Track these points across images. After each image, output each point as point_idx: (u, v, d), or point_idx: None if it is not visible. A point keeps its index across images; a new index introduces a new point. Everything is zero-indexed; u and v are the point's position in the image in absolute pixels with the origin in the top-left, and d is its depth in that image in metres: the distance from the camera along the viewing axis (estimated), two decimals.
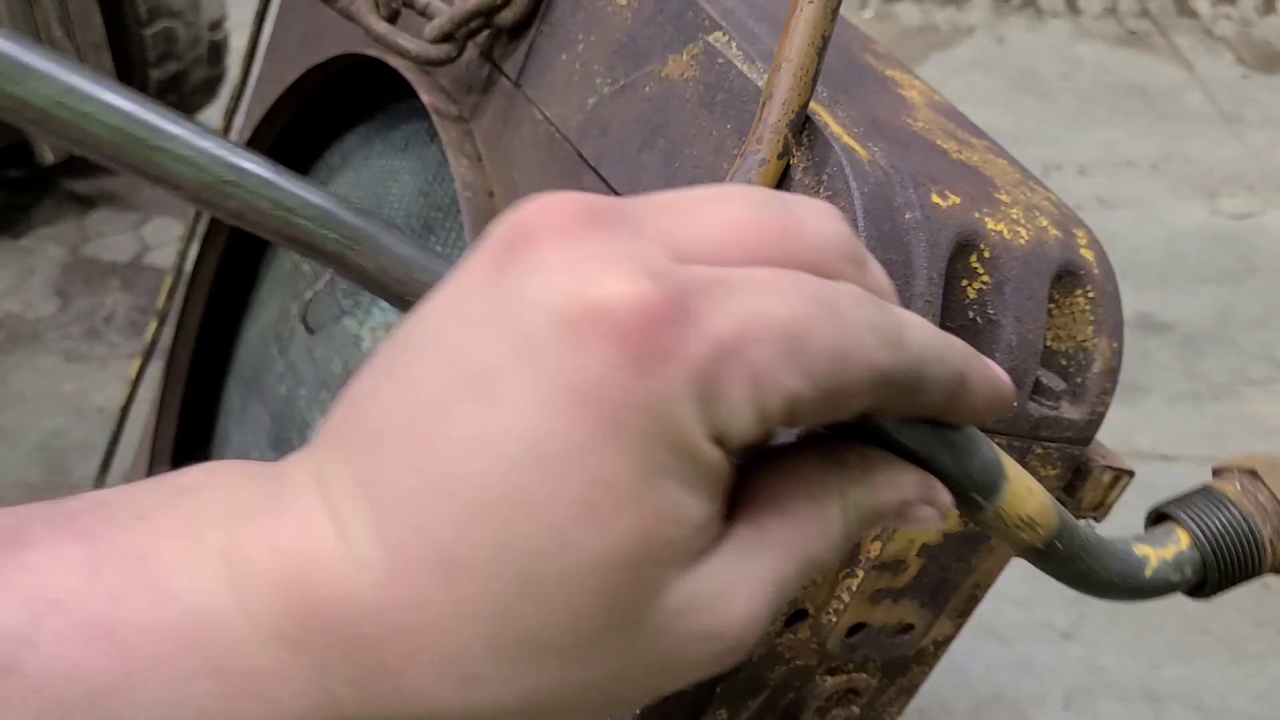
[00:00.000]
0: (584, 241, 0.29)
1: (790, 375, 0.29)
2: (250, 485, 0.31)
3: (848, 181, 0.53)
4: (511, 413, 0.27)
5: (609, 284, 0.27)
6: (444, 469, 0.28)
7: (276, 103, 1.19)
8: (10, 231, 3.33)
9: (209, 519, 0.30)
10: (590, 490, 0.27)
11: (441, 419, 0.28)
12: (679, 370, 0.27)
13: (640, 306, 0.27)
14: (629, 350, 0.27)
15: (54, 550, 0.29)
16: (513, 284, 0.29)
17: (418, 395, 0.29)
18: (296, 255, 1.26)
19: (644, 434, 0.27)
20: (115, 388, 2.64)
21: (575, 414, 0.27)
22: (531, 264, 0.29)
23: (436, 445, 0.28)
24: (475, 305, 0.29)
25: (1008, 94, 4.22)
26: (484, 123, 0.88)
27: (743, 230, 0.30)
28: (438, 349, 0.29)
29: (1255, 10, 4.87)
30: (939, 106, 0.66)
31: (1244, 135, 3.96)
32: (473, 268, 0.30)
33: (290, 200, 0.37)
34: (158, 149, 0.34)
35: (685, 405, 0.28)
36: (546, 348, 0.27)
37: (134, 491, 0.31)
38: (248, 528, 0.30)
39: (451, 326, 0.29)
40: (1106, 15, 4.84)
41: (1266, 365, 2.90)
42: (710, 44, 0.64)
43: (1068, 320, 0.59)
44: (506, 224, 0.30)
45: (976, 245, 0.55)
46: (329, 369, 1.13)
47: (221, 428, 1.42)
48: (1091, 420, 0.59)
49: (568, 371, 0.27)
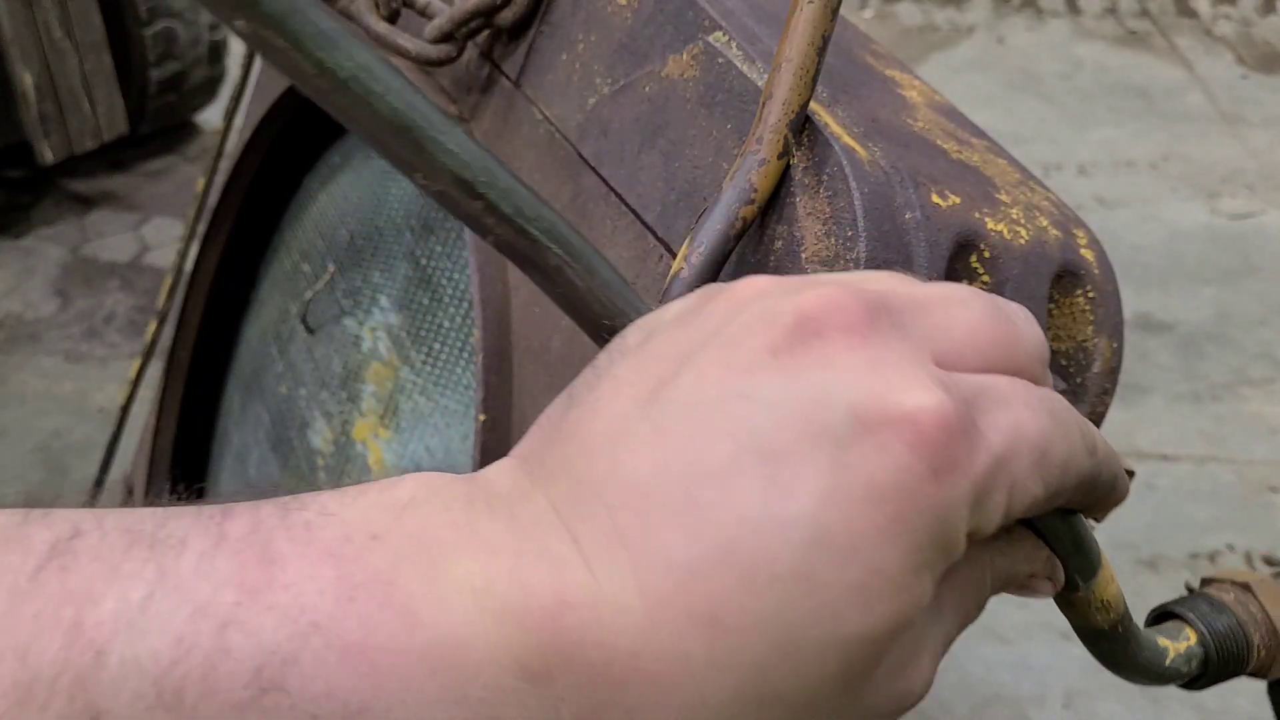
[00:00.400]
0: (872, 344, 0.32)
1: (1036, 483, 0.33)
2: (478, 509, 0.33)
3: (848, 181, 0.53)
4: (806, 499, 0.30)
5: (910, 394, 0.31)
6: (724, 537, 0.30)
7: (277, 102, 1.19)
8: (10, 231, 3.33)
9: (445, 544, 0.31)
10: (868, 577, 0.30)
11: (723, 490, 0.30)
12: (964, 480, 0.31)
13: (939, 420, 0.31)
14: (927, 458, 0.30)
15: (305, 570, 0.30)
16: (808, 375, 0.31)
17: (693, 461, 0.31)
18: (296, 256, 1.26)
19: (925, 533, 0.31)
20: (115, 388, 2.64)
21: (869, 509, 0.30)
22: (826, 360, 0.32)
23: (717, 514, 0.30)
24: (762, 386, 0.32)
25: (1008, 94, 4.22)
26: (484, 123, 0.88)
27: (978, 336, 0.35)
28: (717, 419, 0.31)
29: (1255, 10, 4.87)
30: (939, 106, 0.66)
31: (1244, 135, 3.96)
32: (746, 341, 0.33)
33: (530, 209, 0.39)
34: (431, 139, 0.36)
35: (962, 510, 0.31)
36: (846, 444, 0.30)
37: (357, 503, 0.33)
38: (494, 562, 0.31)
39: (733, 401, 0.32)
40: (1106, 15, 4.84)
41: (1266, 365, 2.90)
42: (710, 44, 0.64)
43: (1068, 320, 0.59)
44: (785, 309, 0.33)
45: (976, 245, 0.55)
46: (329, 369, 1.13)
47: (221, 428, 1.42)
48: (1092, 420, 0.59)
49: (867, 469, 0.30)
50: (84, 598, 0.29)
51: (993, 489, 0.32)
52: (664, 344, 0.35)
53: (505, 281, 0.81)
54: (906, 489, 0.30)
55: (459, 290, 0.94)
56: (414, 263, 1.01)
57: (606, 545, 0.31)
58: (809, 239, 0.55)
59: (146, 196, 3.53)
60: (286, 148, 1.26)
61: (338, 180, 1.19)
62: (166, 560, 0.29)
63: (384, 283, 1.05)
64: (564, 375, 0.73)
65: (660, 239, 0.66)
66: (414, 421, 0.98)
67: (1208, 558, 2.32)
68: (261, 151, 1.27)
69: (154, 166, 3.68)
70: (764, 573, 0.30)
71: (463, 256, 0.94)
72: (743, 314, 0.34)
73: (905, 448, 0.30)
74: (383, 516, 0.32)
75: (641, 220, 0.67)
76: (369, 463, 1.03)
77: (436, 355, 0.96)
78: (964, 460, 0.31)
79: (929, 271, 0.53)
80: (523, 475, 0.34)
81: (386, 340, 1.04)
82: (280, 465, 1.20)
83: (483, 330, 0.79)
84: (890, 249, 0.53)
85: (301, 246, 1.25)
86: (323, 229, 1.20)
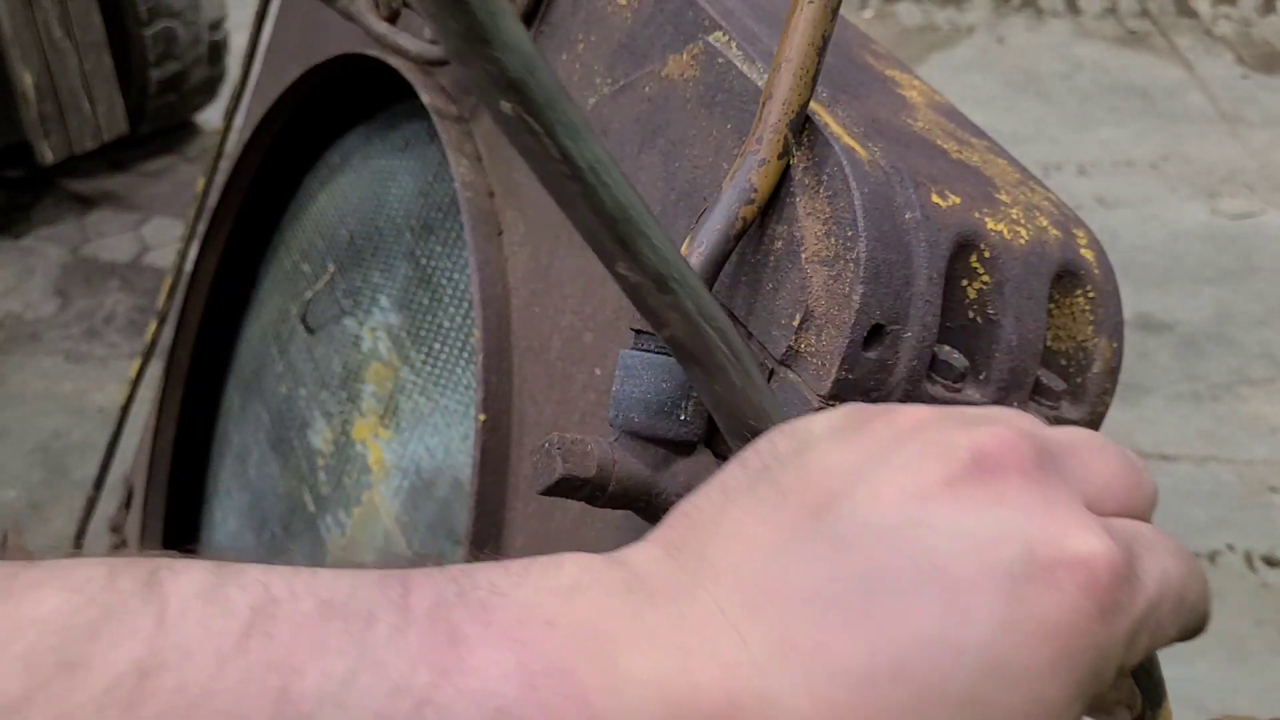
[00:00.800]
0: (1043, 486, 0.35)
1: (1174, 626, 0.36)
2: (640, 599, 0.34)
3: (848, 181, 0.53)
4: (984, 628, 0.32)
5: (1083, 538, 0.34)
6: (900, 654, 0.32)
7: (276, 103, 1.19)
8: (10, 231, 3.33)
9: (615, 634, 0.33)
10: (1033, 705, 0.32)
11: (901, 609, 0.32)
12: (1125, 622, 0.34)
13: (1109, 566, 0.33)
14: (1097, 600, 0.33)
15: (490, 655, 0.32)
16: (985, 511, 0.34)
17: (871, 578, 0.33)
18: (296, 256, 1.26)
19: (1087, 669, 0.33)
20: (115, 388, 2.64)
21: (1040, 643, 0.32)
22: (1002, 497, 0.34)
23: (894, 631, 0.32)
24: (940, 515, 0.34)
25: (1008, 94, 4.22)
26: (484, 123, 0.88)
27: (1114, 481, 0.38)
28: (896, 541, 0.33)
29: (1255, 10, 4.87)
30: (939, 106, 0.66)
31: (1244, 135, 3.96)
32: (921, 470, 0.35)
33: (709, 310, 0.42)
34: (642, 234, 0.38)
35: (1120, 649, 0.34)
36: (1021, 579, 0.33)
37: (524, 583, 0.34)
38: (664, 657, 0.33)
39: (911, 526, 0.34)
40: (1106, 15, 4.84)
41: (1266, 365, 2.90)
42: (710, 44, 0.64)
43: (1068, 320, 0.59)
44: (961, 444, 0.35)
45: (976, 245, 0.55)
46: (329, 369, 1.13)
47: (221, 428, 1.42)
48: (1091, 420, 0.59)
49: (1041, 605, 0.32)
50: (288, 668, 0.30)
51: (1143, 630, 0.35)
52: (826, 459, 0.37)
53: (505, 282, 0.81)
54: (1076, 628, 0.33)
55: (459, 290, 0.94)
56: (414, 263, 1.01)
57: (778, 649, 0.32)
58: (809, 239, 0.54)
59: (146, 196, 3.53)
60: (286, 148, 1.26)
61: (338, 180, 1.19)
62: (361, 635, 0.31)
63: (384, 283, 1.05)
64: (564, 375, 0.73)
65: None
66: (414, 421, 0.98)
67: (1208, 558, 2.32)
68: (261, 151, 1.27)
69: (154, 166, 3.68)
70: (937, 692, 0.32)
71: (463, 256, 0.94)
72: (913, 442, 0.36)
73: (1078, 589, 0.33)
74: (552, 601, 0.34)
75: None
76: (369, 463, 1.03)
77: (436, 355, 0.96)
78: (1127, 604, 0.34)
79: (929, 271, 0.53)
80: (678, 568, 0.35)
81: (386, 340, 1.04)
82: (280, 465, 1.20)
83: (483, 330, 0.79)
84: (890, 249, 0.53)
85: (301, 246, 1.25)
86: (323, 229, 1.20)
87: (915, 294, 0.53)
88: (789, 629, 0.33)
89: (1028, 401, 0.57)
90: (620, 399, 0.53)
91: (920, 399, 0.53)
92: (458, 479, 0.90)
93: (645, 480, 0.52)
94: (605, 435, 0.54)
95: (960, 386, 0.55)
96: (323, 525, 1.09)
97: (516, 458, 0.77)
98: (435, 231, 0.99)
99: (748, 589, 0.34)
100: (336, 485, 1.08)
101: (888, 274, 0.52)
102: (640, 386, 0.52)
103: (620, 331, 0.67)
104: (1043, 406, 0.57)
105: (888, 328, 0.52)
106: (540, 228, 0.78)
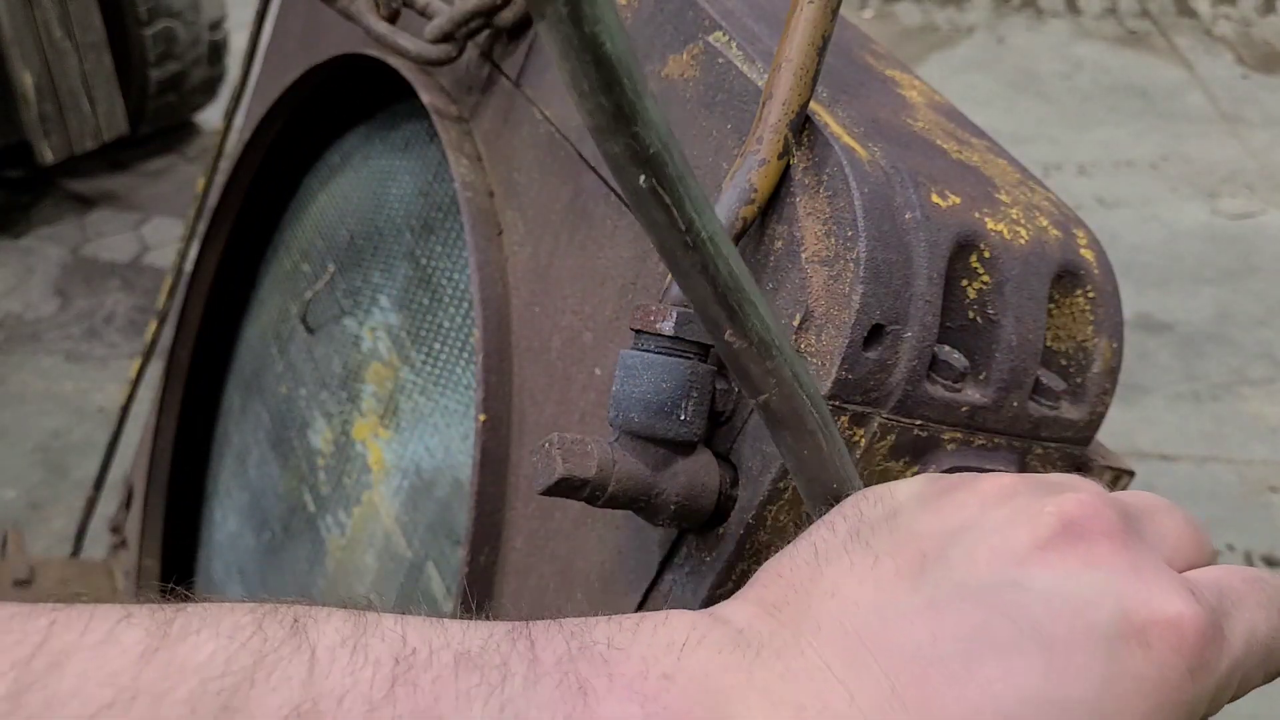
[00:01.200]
0: (1130, 549, 0.37)
1: (1260, 676, 0.38)
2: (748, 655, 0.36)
3: (848, 181, 0.53)
4: (1086, 686, 0.34)
5: (1171, 601, 0.35)
6: (1004, 711, 0.34)
7: (276, 103, 1.19)
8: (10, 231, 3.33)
9: (728, 690, 0.35)
10: None
11: (1004, 668, 0.34)
12: (1212, 679, 0.35)
13: (1197, 627, 0.35)
14: (1187, 659, 0.35)
15: (616, 708, 0.34)
16: (1078, 574, 0.36)
17: (971, 637, 0.34)
18: (296, 256, 1.26)
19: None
20: (115, 388, 2.64)
21: (1136, 699, 0.34)
22: (1093, 561, 0.36)
23: (998, 689, 0.34)
24: (1035, 578, 0.36)
25: (1008, 94, 4.22)
26: (484, 123, 0.88)
27: (1184, 540, 0.40)
28: (994, 602, 0.35)
29: (1255, 10, 4.87)
30: (939, 106, 0.66)
31: (1244, 135, 3.96)
32: (1013, 535, 0.37)
33: (806, 376, 0.44)
34: (751, 303, 0.40)
35: (1206, 702, 0.36)
36: (1117, 640, 0.34)
37: (638, 637, 0.36)
38: (777, 713, 0.34)
39: (1008, 588, 0.35)
40: (1106, 15, 4.84)
41: (1266, 365, 2.90)
42: (710, 44, 0.64)
43: (1068, 320, 0.59)
44: (1049, 510, 0.37)
45: (976, 245, 0.55)
46: (329, 369, 1.13)
47: (221, 428, 1.42)
48: (1091, 420, 0.59)
49: (1135, 664, 0.34)
50: (435, 717, 0.32)
51: (1229, 686, 0.37)
52: (917, 523, 0.39)
53: (505, 281, 0.81)
54: (1169, 684, 0.35)
55: (459, 290, 0.94)
56: (414, 263, 1.01)
57: (886, 705, 0.34)
58: (809, 239, 0.54)
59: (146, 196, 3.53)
60: (286, 148, 1.26)
61: (337, 180, 1.19)
62: (500, 687, 0.33)
63: (384, 283, 1.05)
64: (564, 375, 0.73)
65: None
66: (414, 421, 0.98)
67: None
68: (261, 151, 1.27)
69: (154, 166, 3.68)
70: None
71: (463, 256, 0.94)
72: (1001, 508, 0.38)
73: (1170, 650, 0.35)
74: (667, 656, 0.35)
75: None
76: (369, 462, 1.03)
77: (436, 355, 0.96)
78: (1213, 662, 0.36)
79: (929, 271, 0.53)
80: (780, 625, 0.37)
81: (386, 340, 1.04)
82: (280, 465, 1.20)
83: (483, 330, 0.79)
84: (890, 249, 0.53)
85: (301, 246, 1.25)
86: (323, 229, 1.20)
87: (915, 294, 0.53)
88: (896, 686, 0.34)
89: (1027, 402, 0.57)
90: (620, 399, 0.53)
91: (920, 398, 0.53)
92: (458, 479, 0.90)
93: (645, 480, 0.52)
94: (605, 435, 0.53)
95: (960, 386, 0.55)
96: (323, 525, 1.09)
97: (516, 458, 0.77)
98: (435, 231, 0.99)
99: (853, 646, 0.35)
100: (336, 485, 1.08)
101: (888, 274, 0.52)
102: (640, 386, 0.52)
103: (620, 331, 0.67)
104: (1042, 406, 0.57)
105: (888, 328, 0.52)
106: (540, 228, 0.78)
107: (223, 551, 1.35)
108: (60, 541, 2.18)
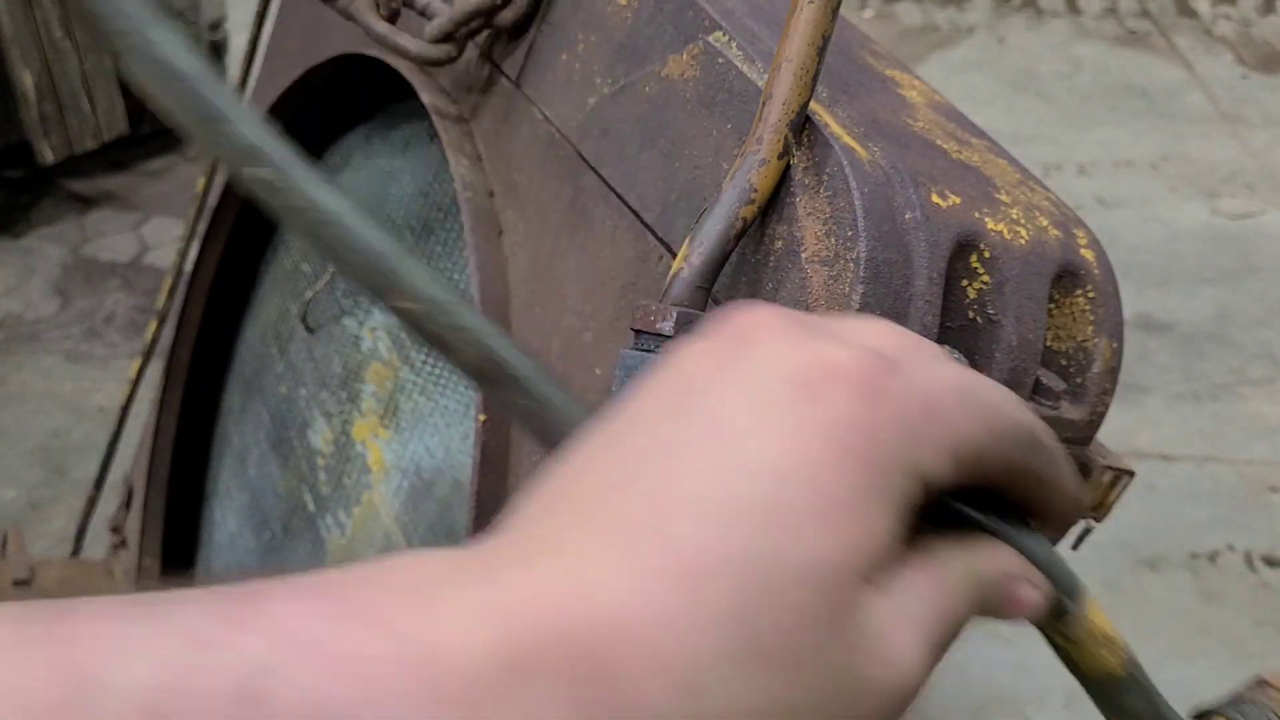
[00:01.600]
0: (799, 336, 0.35)
1: (972, 423, 0.36)
2: (459, 558, 0.34)
3: (848, 181, 0.53)
4: (754, 441, 0.33)
5: (837, 352, 0.34)
6: (685, 490, 0.32)
7: (276, 103, 1.19)
8: (10, 231, 3.33)
9: (426, 580, 0.32)
10: (821, 500, 0.32)
11: (681, 457, 0.33)
12: (895, 407, 0.34)
13: (865, 363, 0.34)
14: (858, 390, 0.34)
15: (294, 604, 0.31)
16: (744, 361, 0.35)
17: (651, 446, 0.33)
18: (296, 256, 1.26)
19: (866, 456, 0.33)
20: (115, 388, 2.64)
21: (810, 438, 0.33)
22: (761, 348, 0.35)
23: (677, 475, 0.32)
24: (707, 380, 0.35)
25: (1008, 94, 4.22)
26: (484, 123, 0.88)
27: (887, 339, 0.38)
28: (671, 415, 0.34)
29: (1255, 10, 4.87)
30: (939, 106, 0.66)
31: (1244, 135, 3.96)
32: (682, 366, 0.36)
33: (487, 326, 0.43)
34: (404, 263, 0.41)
35: (898, 437, 0.34)
36: (786, 399, 0.33)
37: (346, 570, 0.34)
38: (472, 583, 0.32)
39: (681, 399, 0.34)
40: (1106, 15, 4.84)
41: (1266, 365, 2.90)
42: (710, 44, 0.64)
43: (1068, 320, 0.59)
44: (720, 329, 0.36)
45: (976, 245, 0.55)
46: (329, 369, 1.13)
47: (221, 428, 1.42)
48: (1092, 420, 0.59)
49: (806, 411, 0.33)
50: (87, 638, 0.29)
51: (926, 422, 0.35)
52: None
53: (505, 282, 0.81)
54: (845, 418, 0.33)
55: (459, 290, 0.94)
56: None
57: (586, 544, 0.32)
58: (809, 239, 0.55)
59: (146, 196, 3.53)
60: None
61: (338, 180, 1.19)
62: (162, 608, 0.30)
63: None
64: (564, 375, 0.73)
65: (660, 239, 0.66)
66: (414, 421, 0.98)
67: (1208, 558, 2.32)
68: None
69: (154, 166, 3.68)
70: (724, 512, 0.32)
71: (463, 257, 0.94)
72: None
73: (838, 387, 0.34)
74: (367, 573, 0.33)
75: (642, 220, 0.67)
76: (369, 463, 1.03)
77: (437, 355, 0.96)
78: (892, 390, 0.34)
79: (929, 271, 0.53)
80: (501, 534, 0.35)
81: (386, 340, 1.04)
82: (280, 465, 1.20)
83: None
84: (890, 249, 0.53)
85: (301, 246, 1.25)
86: None
87: (915, 294, 0.53)
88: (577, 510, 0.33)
89: (1027, 401, 0.57)
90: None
91: None
92: (458, 479, 0.90)
93: None
94: None
95: None
96: (323, 525, 1.09)
97: (516, 458, 0.77)
98: (435, 231, 0.99)
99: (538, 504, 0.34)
100: (336, 485, 1.08)
101: (888, 274, 0.52)
102: None
103: (620, 331, 0.67)
104: (1043, 406, 0.57)
105: None
106: (540, 228, 0.78)
107: (223, 551, 1.35)
108: (60, 541, 2.19)
